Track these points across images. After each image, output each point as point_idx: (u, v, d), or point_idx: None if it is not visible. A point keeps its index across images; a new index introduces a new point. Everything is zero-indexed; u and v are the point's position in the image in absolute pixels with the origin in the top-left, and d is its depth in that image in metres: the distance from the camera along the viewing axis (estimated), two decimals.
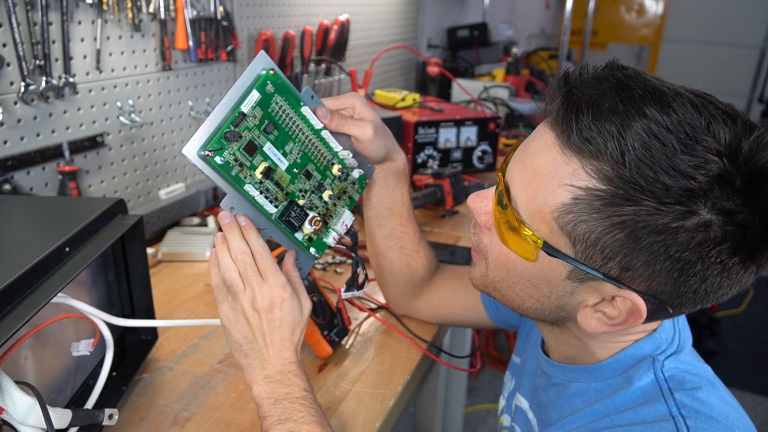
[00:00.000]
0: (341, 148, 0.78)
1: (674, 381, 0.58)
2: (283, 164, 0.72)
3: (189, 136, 1.43)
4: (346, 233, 0.80)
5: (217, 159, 0.65)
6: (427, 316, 1.01)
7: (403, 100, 1.88)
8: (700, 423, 0.54)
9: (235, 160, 0.67)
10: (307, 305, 0.72)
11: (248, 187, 0.69)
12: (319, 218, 0.76)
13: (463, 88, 2.16)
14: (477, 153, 1.79)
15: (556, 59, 3.31)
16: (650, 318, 0.57)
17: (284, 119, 0.72)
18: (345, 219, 0.80)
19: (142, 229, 0.83)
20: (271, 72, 0.70)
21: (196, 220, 1.40)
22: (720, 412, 0.56)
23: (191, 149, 0.65)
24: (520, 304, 0.64)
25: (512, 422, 0.79)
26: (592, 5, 3.19)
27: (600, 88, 0.50)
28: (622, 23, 5.61)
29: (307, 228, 0.75)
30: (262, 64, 0.70)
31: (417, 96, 1.94)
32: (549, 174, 0.53)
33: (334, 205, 0.79)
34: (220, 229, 1.36)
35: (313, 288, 0.93)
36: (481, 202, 0.64)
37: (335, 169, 0.78)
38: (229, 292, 0.70)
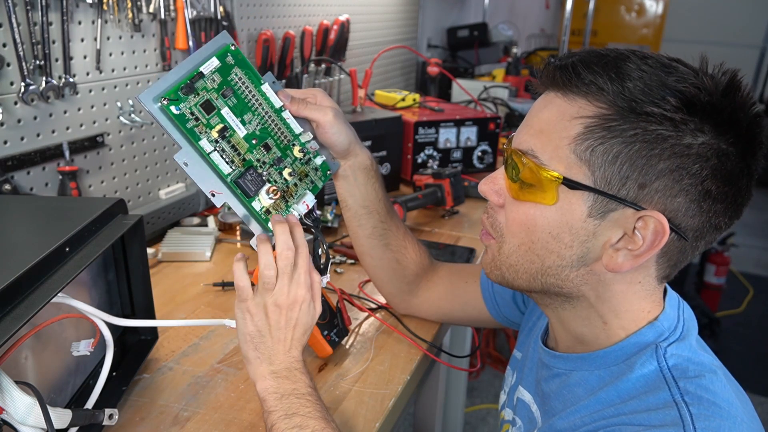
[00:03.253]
0: (302, 130, 0.79)
1: (677, 369, 0.58)
2: (241, 131, 0.73)
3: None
4: (308, 215, 0.80)
5: (173, 108, 0.67)
6: (428, 313, 1.01)
7: (403, 100, 1.88)
8: (703, 409, 0.54)
9: (192, 114, 0.69)
10: (319, 310, 0.74)
11: (203, 143, 0.70)
12: (276, 188, 0.75)
13: (463, 88, 2.16)
14: (477, 153, 1.79)
15: None
16: (667, 254, 0.59)
17: (243, 91, 0.74)
18: (306, 200, 0.79)
19: (142, 229, 0.83)
20: (232, 46, 0.72)
21: (196, 220, 1.40)
22: (723, 399, 0.56)
23: (147, 96, 0.66)
24: (539, 267, 0.63)
25: (514, 415, 0.79)
26: (592, 5, 3.18)
27: (585, 55, 0.58)
28: (622, 23, 5.61)
29: (265, 198, 0.74)
30: (223, 40, 0.73)
31: (417, 96, 1.94)
32: (557, 118, 0.59)
33: (296, 185, 0.79)
34: (221, 230, 1.37)
35: None
36: (491, 183, 0.66)
37: (296, 151, 0.79)
38: (259, 287, 0.71)
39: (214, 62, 0.71)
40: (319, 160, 0.82)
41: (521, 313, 0.91)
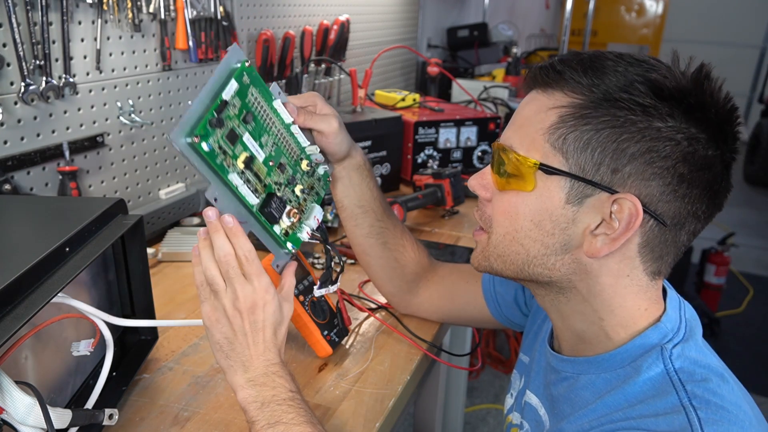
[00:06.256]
0: (309, 143, 0.80)
1: (684, 372, 0.58)
2: (260, 155, 0.73)
3: None
4: (317, 228, 0.81)
5: (204, 146, 0.65)
6: (428, 313, 1.01)
7: (403, 100, 1.88)
8: (711, 414, 0.54)
9: (219, 148, 0.68)
10: (290, 308, 0.72)
11: (232, 177, 0.69)
12: (296, 210, 0.76)
13: (463, 88, 2.16)
14: (477, 153, 1.79)
15: None
16: (649, 244, 0.60)
17: (259, 111, 0.73)
18: (315, 213, 0.80)
19: (142, 229, 0.83)
20: (246, 63, 0.71)
21: (196, 220, 1.40)
22: (731, 402, 0.56)
23: (178, 135, 0.64)
24: (524, 258, 0.64)
25: (522, 419, 0.79)
26: (592, 5, 3.18)
27: (565, 55, 0.62)
28: (622, 23, 5.62)
29: (285, 221, 0.75)
30: (236, 56, 0.71)
31: (417, 96, 1.94)
32: (535, 111, 0.62)
33: (305, 200, 0.80)
34: None
35: (313, 288, 0.93)
36: (480, 178, 0.69)
37: (304, 165, 0.80)
38: (210, 290, 0.69)
39: (234, 85, 0.69)
40: (321, 170, 0.83)
41: (524, 315, 0.91)
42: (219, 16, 1.38)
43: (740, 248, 3.54)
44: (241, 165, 0.70)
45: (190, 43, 1.32)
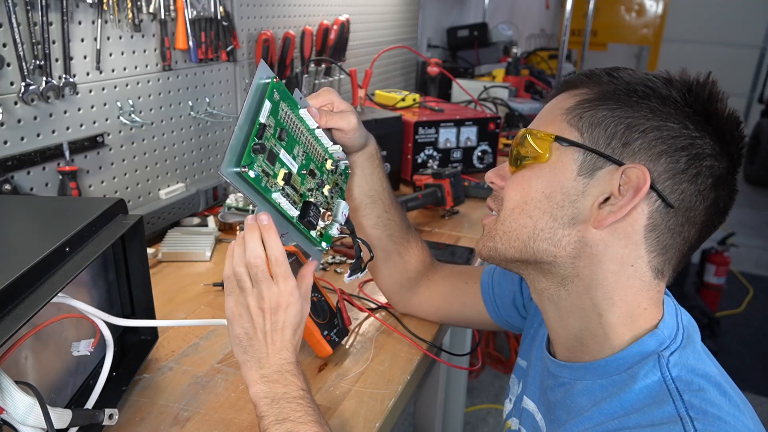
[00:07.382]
0: (331, 143, 0.82)
1: (681, 381, 0.58)
2: (294, 167, 0.75)
3: (189, 136, 1.43)
4: (346, 222, 0.83)
5: (251, 173, 0.67)
6: (427, 312, 1.01)
7: (403, 100, 1.88)
8: (708, 425, 0.53)
9: (263, 171, 0.70)
10: (307, 309, 0.74)
11: (275, 195, 0.71)
12: (330, 213, 0.79)
13: (463, 88, 2.16)
14: (477, 153, 1.79)
15: (555, 59, 3.31)
16: (656, 229, 0.61)
17: (289, 124, 0.75)
18: (342, 209, 0.82)
19: (142, 229, 0.83)
20: (275, 80, 0.73)
21: (196, 220, 1.40)
22: (728, 413, 0.55)
23: (227, 167, 0.66)
24: (531, 231, 0.65)
25: (520, 425, 0.79)
26: (592, 5, 3.19)
27: (590, 68, 0.68)
28: (622, 23, 5.61)
29: (320, 224, 0.78)
30: (264, 73, 0.73)
31: (417, 96, 1.94)
32: (558, 101, 0.67)
33: (332, 198, 0.82)
34: (221, 230, 1.37)
35: (313, 288, 0.93)
36: (497, 170, 0.72)
37: (329, 164, 0.82)
38: (237, 285, 0.70)
39: (268, 105, 0.71)
40: (342, 165, 0.85)
41: (522, 318, 0.90)
42: (219, 16, 1.38)
43: (740, 248, 3.54)
44: (281, 183, 0.72)
45: (190, 43, 1.32)
